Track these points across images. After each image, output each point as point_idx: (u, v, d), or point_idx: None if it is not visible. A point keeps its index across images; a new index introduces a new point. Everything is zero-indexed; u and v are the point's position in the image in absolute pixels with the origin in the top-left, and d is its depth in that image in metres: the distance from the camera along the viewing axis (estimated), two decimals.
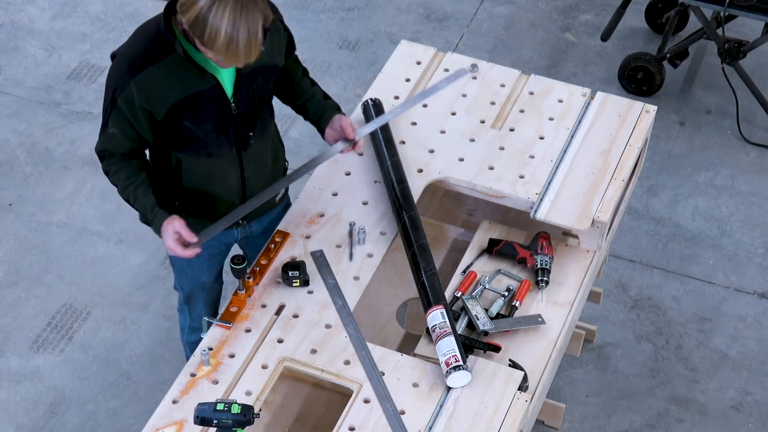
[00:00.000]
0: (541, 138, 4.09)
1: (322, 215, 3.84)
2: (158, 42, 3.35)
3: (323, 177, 3.94)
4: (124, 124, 3.45)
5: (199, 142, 3.52)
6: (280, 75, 3.71)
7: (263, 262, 3.68)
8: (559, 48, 6.11)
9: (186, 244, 3.51)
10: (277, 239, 3.74)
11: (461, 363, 3.34)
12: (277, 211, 3.91)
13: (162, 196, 3.61)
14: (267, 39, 3.31)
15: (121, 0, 6.24)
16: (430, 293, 3.52)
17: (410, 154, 4.01)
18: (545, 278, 3.73)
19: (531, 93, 4.26)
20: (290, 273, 3.61)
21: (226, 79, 3.46)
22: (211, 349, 3.45)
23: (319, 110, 3.77)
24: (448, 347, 3.38)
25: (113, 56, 3.46)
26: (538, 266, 3.75)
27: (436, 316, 3.45)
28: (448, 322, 3.43)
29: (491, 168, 3.97)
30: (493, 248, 3.83)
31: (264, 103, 3.60)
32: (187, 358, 4.37)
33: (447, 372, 3.35)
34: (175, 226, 3.49)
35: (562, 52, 6.08)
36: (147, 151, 3.65)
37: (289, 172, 3.86)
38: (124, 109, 3.40)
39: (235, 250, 4.07)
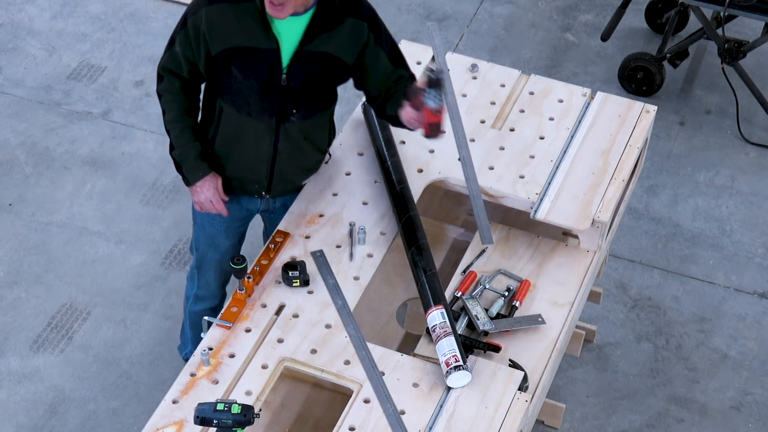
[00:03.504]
0: (541, 138, 4.09)
1: (322, 215, 3.84)
2: None
3: (323, 177, 3.94)
4: (186, 45, 3.58)
5: (242, 96, 3.61)
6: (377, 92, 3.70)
7: (263, 262, 3.68)
8: (559, 48, 6.11)
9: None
10: (277, 239, 3.74)
11: (461, 363, 3.34)
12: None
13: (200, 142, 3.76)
14: (342, 31, 3.46)
15: (121, 0, 6.24)
16: (430, 293, 3.52)
17: (410, 154, 4.01)
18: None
19: (531, 93, 4.26)
20: (290, 273, 3.61)
21: (287, 49, 3.53)
22: (211, 349, 3.44)
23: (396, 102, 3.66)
24: (448, 347, 3.38)
25: None
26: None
27: (436, 316, 3.45)
28: (448, 322, 3.43)
29: (491, 168, 3.97)
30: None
31: (317, 88, 3.65)
32: (182, 332, 4.38)
33: (447, 372, 3.35)
34: (217, 183, 3.75)
35: (562, 52, 6.08)
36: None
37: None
38: (190, 30, 3.54)
39: (257, 223, 4.14)
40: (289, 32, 3.52)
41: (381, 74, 3.69)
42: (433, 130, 3.49)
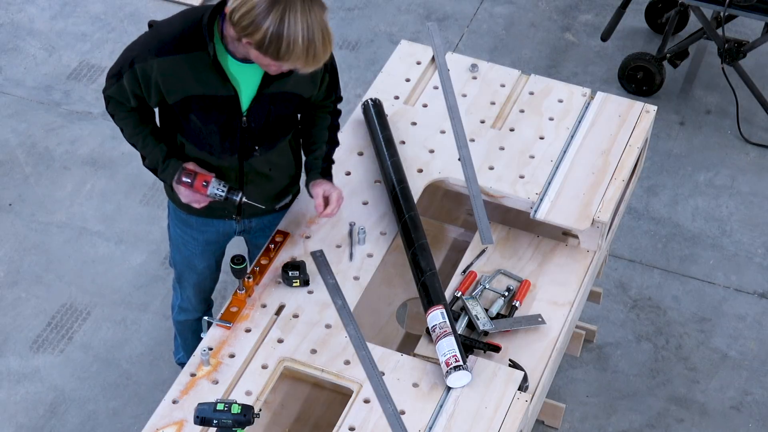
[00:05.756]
0: (541, 138, 4.09)
1: None
2: (195, 34, 3.37)
3: None
4: (134, 86, 3.48)
5: (203, 138, 3.55)
6: (307, 111, 3.71)
7: (263, 262, 3.68)
8: (559, 48, 6.11)
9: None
10: (277, 239, 3.74)
11: (461, 363, 3.34)
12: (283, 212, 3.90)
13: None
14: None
15: (121, 0, 6.24)
16: (430, 293, 3.52)
17: (410, 154, 4.01)
18: None
19: (531, 93, 4.26)
20: (290, 273, 3.61)
21: (246, 93, 3.47)
22: (211, 349, 3.44)
23: (308, 164, 3.73)
24: (448, 347, 3.38)
25: (151, 24, 3.51)
26: None
27: (436, 316, 3.45)
28: (448, 322, 3.43)
29: (491, 168, 3.97)
30: None
31: (279, 125, 3.59)
32: (175, 338, 4.39)
33: (447, 372, 3.35)
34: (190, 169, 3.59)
35: (562, 52, 6.08)
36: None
37: None
38: (139, 74, 3.43)
39: (238, 243, 4.08)
40: (247, 78, 3.44)
41: (321, 95, 3.66)
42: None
